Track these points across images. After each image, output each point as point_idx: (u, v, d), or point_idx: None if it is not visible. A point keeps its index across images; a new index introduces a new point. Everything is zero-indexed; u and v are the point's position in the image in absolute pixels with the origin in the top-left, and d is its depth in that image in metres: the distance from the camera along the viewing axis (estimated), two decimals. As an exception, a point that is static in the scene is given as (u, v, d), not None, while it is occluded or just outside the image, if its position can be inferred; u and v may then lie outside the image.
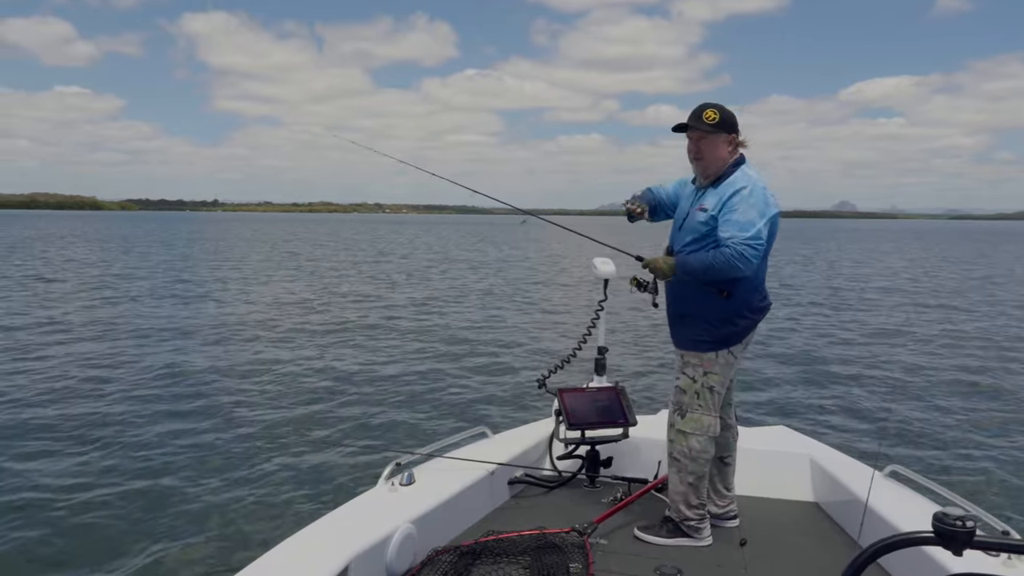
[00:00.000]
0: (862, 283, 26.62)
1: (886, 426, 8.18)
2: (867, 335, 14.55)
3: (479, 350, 12.50)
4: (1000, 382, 10.51)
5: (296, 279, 25.94)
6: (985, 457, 7.16)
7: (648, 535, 3.25)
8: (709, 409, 3.19)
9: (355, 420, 8.11)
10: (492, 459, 3.57)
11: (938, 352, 12.82)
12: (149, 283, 23.13)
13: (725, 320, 3.15)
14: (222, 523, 5.40)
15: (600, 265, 4.03)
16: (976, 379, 10.67)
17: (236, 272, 28.44)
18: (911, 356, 12.40)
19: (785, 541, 3.29)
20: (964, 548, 1.29)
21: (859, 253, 50.28)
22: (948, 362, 11.93)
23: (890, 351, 12.83)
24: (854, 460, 3.82)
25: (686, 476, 3.21)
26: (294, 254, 41.84)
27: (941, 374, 11.00)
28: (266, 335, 13.67)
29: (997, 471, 6.77)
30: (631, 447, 4.01)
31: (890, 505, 3.04)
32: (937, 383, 10.39)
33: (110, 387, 9.37)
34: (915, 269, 34.73)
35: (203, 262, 33.82)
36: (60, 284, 22.23)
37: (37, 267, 28.52)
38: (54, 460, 6.63)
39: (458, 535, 3.16)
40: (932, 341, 13.96)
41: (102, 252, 39.96)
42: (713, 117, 3.16)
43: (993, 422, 8.42)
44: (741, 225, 3.00)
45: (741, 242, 2.98)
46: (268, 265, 32.83)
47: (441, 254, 44.32)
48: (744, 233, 2.99)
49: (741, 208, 3.03)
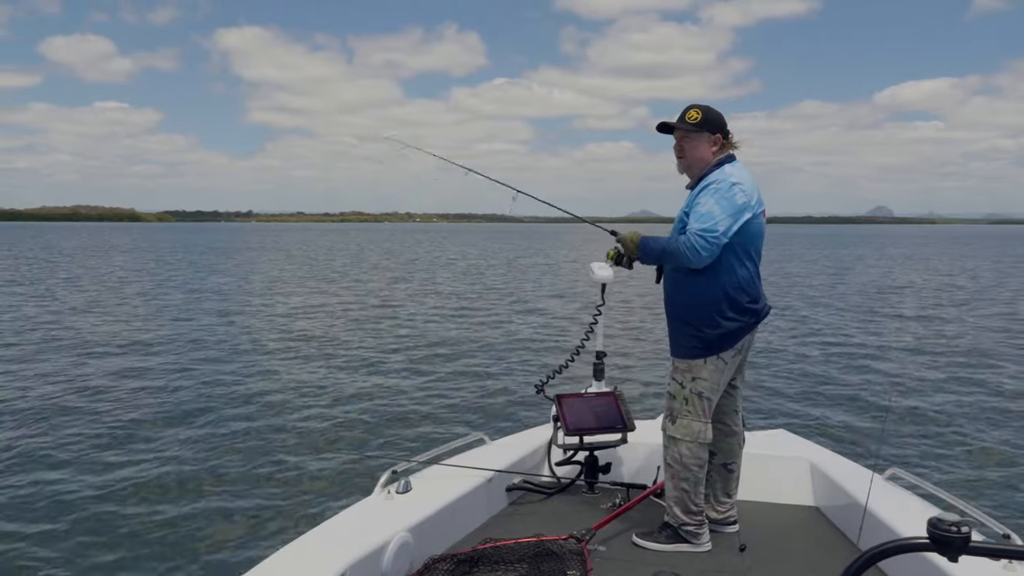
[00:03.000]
0: (863, 286, 26.64)
1: (886, 428, 8.16)
2: (867, 337, 14.55)
3: (476, 356, 12.47)
4: (1002, 383, 10.50)
5: (294, 289, 25.91)
6: (988, 459, 7.14)
7: (647, 541, 3.23)
8: (699, 415, 3.16)
9: (351, 427, 8.08)
10: (490, 466, 3.55)
11: (938, 353, 12.82)
12: (149, 293, 23.09)
13: (707, 322, 3.12)
14: (217, 531, 5.37)
15: (597, 270, 4.02)
16: (978, 380, 10.66)
17: (236, 281, 28.42)
18: (911, 357, 12.39)
19: (785, 546, 3.26)
20: (959, 554, 1.28)
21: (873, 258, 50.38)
22: (949, 363, 11.92)
23: (890, 352, 12.82)
24: (854, 463, 3.80)
25: (679, 482, 3.18)
26: (307, 260, 41.87)
27: (942, 376, 10.98)
28: (261, 343, 13.64)
29: (1000, 473, 6.75)
30: (630, 453, 3.99)
31: (890, 509, 3.01)
32: (938, 385, 10.38)
33: (100, 393, 9.34)
34: (920, 271, 34.79)
35: (208, 274, 33.79)
36: (78, 294, 22.20)
37: (112, 274, 28.49)
38: (50, 467, 6.60)
39: (455, 543, 3.14)
40: (933, 342, 13.95)
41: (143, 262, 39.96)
42: (695, 117, 3.19)
43: (995, 424, 8.40)
44: (699, 216, 3.02)
45: (695, 232, 2.99)
46: (272, 274, 32.81)
47: (447, 260, 44.33)
48: (699, 224, 3.00)
49: (703, 200, 3.06)
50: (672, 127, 3.25)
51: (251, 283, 27.06)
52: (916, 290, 25.17)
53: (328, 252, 55.30)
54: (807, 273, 33.20)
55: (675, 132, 3.25)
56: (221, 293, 22.91)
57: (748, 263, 3.16)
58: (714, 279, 3.09)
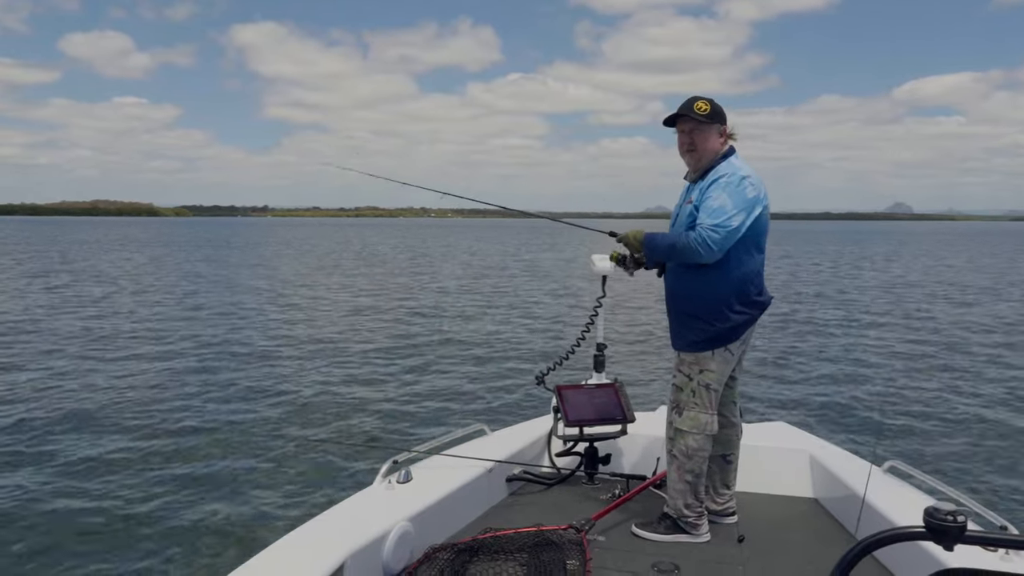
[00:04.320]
0: (865, 279, 26.62)
1: (884, 421, 8.17)
2: (866, 329, 14.55)
3: (477, 347, 12.49)
4: (1003, 375, 10.50)
5: (296, 281, 25.91)
6: (986, 451, 7.16)
7: (646, 532, 3.24)
8: (706, 407, 3.18)
9: (352, 417, 8.10)
10: (490, 456, 3.56)
11: (938, 345, 12.82)
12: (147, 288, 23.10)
13: (717, 315, 3.12)
14: (218, 520, 5.39)
15: (598, 261, 4.00)
16: (977, 372, 10.67)
17: (238, 274, 28.41)
18: (910, 350, 12.40)
19: (783, 537, 3.27)
20: (955, 543, 1.28)
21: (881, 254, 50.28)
22: (948, 356, 11.93)
23: (889, 345, 12.83)
24: (852, 456, 3.81)
25: (684, 474, 3.19)
26: (311, 253, 41.83)
27: (941, 368, 11.00)
28: (262, 335, 13.65)
29: (998, 465, 6.77)
30: (629, 444, 4.00)
31: (888, 500, 3.02)
32: (937, 377, 10.39)
33: (100, 381, 9.36)
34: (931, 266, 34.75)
35: (212, 266, 33.79)
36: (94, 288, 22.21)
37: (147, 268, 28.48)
38: (47, 456, 6.63)
39: (455, 532, 3.15)
40: (933, 335, 13.96)
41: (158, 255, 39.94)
42: (704, 108, 3.17)
43: (994, 416, 8.42)
44: (711, 211, 3.01)
45: (707, 227, 2.98)
46: (276, 267, 32.80)
47: (453, 253, 44.29)
48: (711, 219, 2.99)
49: (715, 194, 3.04)
50: (679, 118, 3.22)
51: (253, 276, 27.06)
52: (921, 285, 25.15)
53: (334, 246, 55.26)
54: (811, 266, 33.17)
55: (683, 124, 3.22)
56: (223, 286, 22.92)
57: (757, 255, 3.16)
58: (725, 273, 3.09)
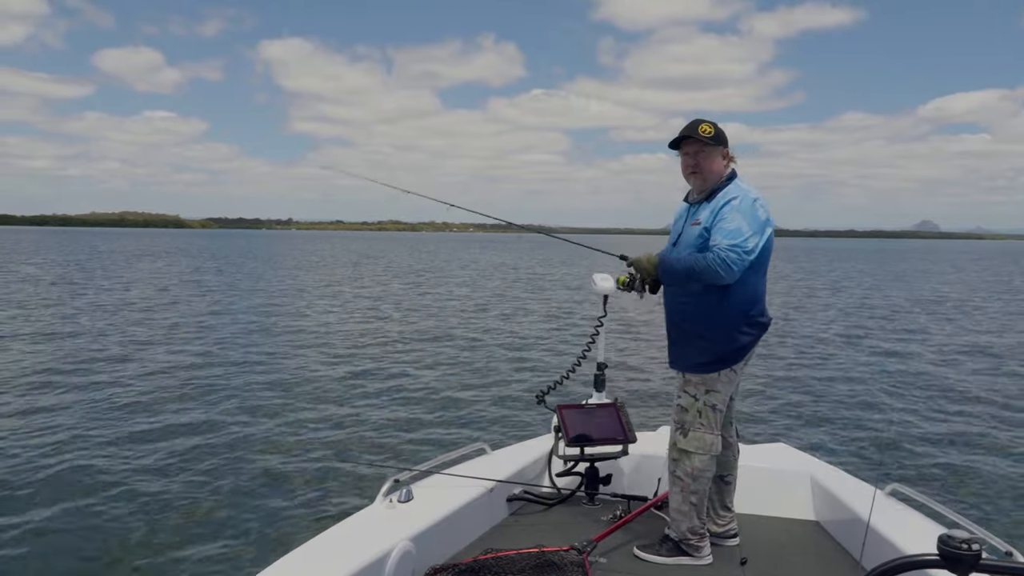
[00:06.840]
0: (867, 299, 26.63)
1: (886, 443, 8.14)
2: (866, 350, 14.53)
3: (478, 366, 12.47)
4: (1003, 398, 10.47)
5: (299, 296, 25.92)
6: (988, 474, 7.12)
7: (647, 553, 3.23)
8: (711, 427, 3.18)
9: (353, 436, 8.07)
10: (491, 476, 3.55)
11: (939, 367, 12.80)
12: (144, 298, 23.10)
13: (724, 337, 3.14)
14: (219, 540, 5.36)
15: (600, 281, 4.01)
16: (978, 395, 10.64)
17: (245, 288, 28.44)
18: (912, 370, 12.37)
19: (786, 560, 3.26)
20: (970, 571, 1.28)
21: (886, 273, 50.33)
22: (949, 377, 11.90)
23: (891, 366, 12.81)
24: (855, 478, 3.80)
25: (688, 495, 3.18)
26: (319, 268, 41.88)
27: (942, 390, 10.96)
28: (261, 351, 13.64)
29: (1000, 489, 6.73)
30: (631, 464, 3.99)
31: (892, 525, 3.01)
32: (938, 399, 10.36)
33: (96, 389, 9.34)
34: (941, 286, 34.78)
35: (220, 279, 33.82)
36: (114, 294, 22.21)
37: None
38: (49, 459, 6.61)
39: (456, 553, 3.14)
40: (933, 356, 13.93)
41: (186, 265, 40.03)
42: (709, 131, 3.22)
43: (996, 439, 8.39)
44: (728, 233, 3.05)
45: (726, 248, 3.01)
46: (283, 281, 32.83)
47: (446, 269, 44.36)
48: (730, 240, 3.02)
49: (730, 216, 3.08)
50: (684, 140, 3.25)
51: (258, 290, 27.09)
52: (924, 304, 25.15)
53: (339, 260, 55.38)
54: (813, 285, 33.20)
55: (687, 147, 3.26)
56: (226, 298, 22.93)
57: (762, 277, 3.21)
58: (732, 294, 3.12)
